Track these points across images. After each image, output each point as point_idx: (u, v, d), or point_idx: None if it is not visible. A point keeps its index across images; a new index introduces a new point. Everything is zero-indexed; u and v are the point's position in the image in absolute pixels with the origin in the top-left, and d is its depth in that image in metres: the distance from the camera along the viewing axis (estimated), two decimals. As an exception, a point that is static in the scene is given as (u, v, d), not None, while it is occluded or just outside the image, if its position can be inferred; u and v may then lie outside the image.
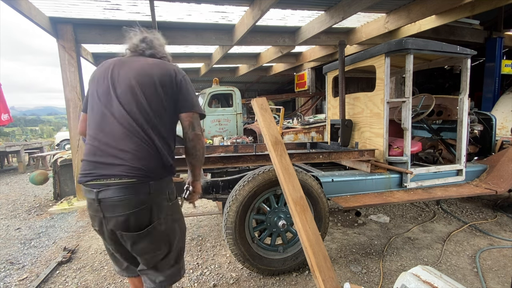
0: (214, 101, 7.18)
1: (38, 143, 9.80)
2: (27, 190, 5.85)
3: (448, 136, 3.71)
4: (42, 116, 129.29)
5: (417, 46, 2.69)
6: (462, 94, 3.05)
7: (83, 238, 3.33)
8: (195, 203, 1.90)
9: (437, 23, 5.31)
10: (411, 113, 2.87)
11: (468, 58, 3.00)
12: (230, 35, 5.61)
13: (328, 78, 3.78)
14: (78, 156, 4.63)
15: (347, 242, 2.96)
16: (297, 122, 7.05)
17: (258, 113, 2.43)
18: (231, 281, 2.35)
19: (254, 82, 14.48)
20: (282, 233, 2.42)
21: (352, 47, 7.01)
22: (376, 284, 2.25)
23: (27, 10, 3.71)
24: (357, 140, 3.29)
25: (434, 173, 3.05)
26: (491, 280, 2.27)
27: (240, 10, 4.67)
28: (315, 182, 2.40)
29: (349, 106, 3.38)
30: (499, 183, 3.10)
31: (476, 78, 6.54)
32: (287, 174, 2.07)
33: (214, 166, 2.55)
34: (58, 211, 4.32)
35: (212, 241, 3.09)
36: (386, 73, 2.76)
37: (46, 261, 2.82)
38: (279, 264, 2.37)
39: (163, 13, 4.65)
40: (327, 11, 4.82)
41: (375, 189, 2.90)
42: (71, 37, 4.54)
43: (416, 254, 2.69)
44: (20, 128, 37.56)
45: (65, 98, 4.52)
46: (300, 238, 1.85)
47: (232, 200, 2.23)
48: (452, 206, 3.91)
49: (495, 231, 3.11)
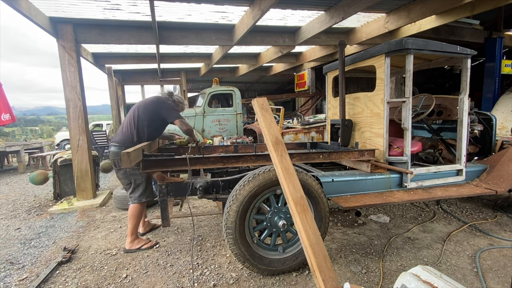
0: (214, 101, 7.17)
1: (38, 143, 9.80)
2: (27, 190, 5.85)
3: (448, 136, 3.71)
4: (42, 116, 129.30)
5: (417, 46, 2.69)
6: (462, 94, 3.05)
7: (83, 238, 3.33)
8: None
9: (437, 23, 5.31)
10: (411, 113, 2.87)
11: (468, 58, 3.00)
12: (230, 35, 5.61)
13: (328, 78, 3.78)
14: (78, 156, 4.64)
15: (347, 242, 2.97)
16: (297, 122, 7.05)
17: (259, 113, 2.43)
18: (231, 281, 2.35)
19: (254, 82, 14.48)
20: (282, 233, 2.42)
21: (352, 47, 7.01)
22: (376, 284, 2.25)
23: (27, 10, 3.70)
24: (357, 140, 3.29)
25: (434, 173, 3.05)
26: (491, 280, 2.27)
27: (240, 10, 4.67)
28: (315, 182, 2.40)
29: (349, 106, 3.39)
30: (499, 183, 3.10)
31: (476, 78, 6.54)
32: (288, 174, 2.07)
33: (214, 166, 2.55)
34: (58, 211, 4.32)
35: (212, 241, 3.09)
36: (386, 73, 2.76)
37: (46, 261, 2.82)
38: (279, 264, 2.37)
39: (163, 13, 4.65)
40: (327, 11, 4.82)
41: (375, 189, 2.90)
42: (71, 37, 4.54)
43: (416, 254, 2.69)
44: (20, 128, 37.53)
45: (65, 98, 4.52)
46: (300, 238, 1.85)
47: (233, 200, 2.23)
48: (452, 206, 3.92)
49: (495, 231, 3.12)
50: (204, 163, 2.53)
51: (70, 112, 4.56)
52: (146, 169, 2.44)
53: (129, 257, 2.82)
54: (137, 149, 2.43)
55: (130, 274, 2.51)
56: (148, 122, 2.95)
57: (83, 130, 4.62)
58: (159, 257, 2.80)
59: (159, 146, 3.41)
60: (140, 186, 2.91)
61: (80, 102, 4.56)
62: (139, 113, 2.95)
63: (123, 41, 5.07)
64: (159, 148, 3.37)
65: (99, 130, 10.71)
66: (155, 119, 3.00)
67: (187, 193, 2.46)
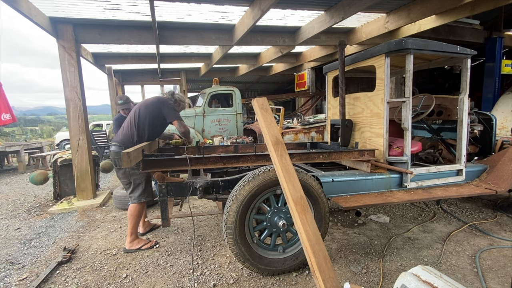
0: (214, 101, 7.17)
1: (38, 143, 9.80)
2: (27, 190, 5.85)
3: (448, 136, 3.71)
4: (42, 116, 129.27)
5: (417, 46, 2.69)
6: (462, 94, 3.05)
7: (83, 238, 3.33)
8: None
9: (437, 23, 5.31)
10: (411, 113, 2.87)
11: (468, 58, 3.00)
12: (230, 35, 5.61)
13: (328, 78, 3.78)
14: (78, 156, 4.64)
15: (347, 242, 2.96)
16: (297, 122, 7.04)
17: (259, 113, 2.43)
18: (231, 281, 2.35)
19: (254, 82, 14.47)
20: (282, 233, 2.42)
21: (352, 47, 7.01)
22: (376, 284, 2.25)
23: (27, 10, 3.70)
24: (357, 140, 3.29)
25: (434, 173, 3.05)
26: (491, 280, 2.27)
27: (240, 10, 4.67)
28: (315, 182, 2.40)
29: (349, 106, 3.38)
30: (499, 183, 3.10)
31: (476, 78, 6.54)
32: (288, 174, 2.07)
33: (214, 166, 2.55)
34: (58, 211, 4.32)
35: (212, 241, 3.09)
36: (386, 73, 2.76)
37: (46, 261, 2.82)
38: (279, 264, 2.37)
39: (163, 13, 4.65)
40: (327, 11, 4.82)
41: (375, 189, 2.90)
42: (71, 37, 4.54)
43: (416, 254, 2.69)
44: (20, 128, 37.49)
45: (65, 98, 4.52)
46: (300, 238, 1.85)
47: (232, 200, 2.23)
48: (452, 206, 3.91)
49: (495, 231, 3.12)
50: (204, 163, 2.53)
51: (70, 112, 4.56)
52: (146, 169, 2.44)
53: (129, 257, 2.82)
54: (137, 149, 2.43)
55: (130, 274, 2.51)
56: (148, 122, 2.96)
57: (83, 130, 4.62)
58: (159, 257, 2.80)
59: (159, 146, 3.42)
60: (140, 186, 2.92)
61: (80, 102, 4.56)
62: (139, 113, 2.97)
63: (123, 41, 5.07)
64: (159, 148, 3.37)
65: (99, 130, 10.70)
66: (156, 119, 3.01)
67: (187, 193, 2.46)
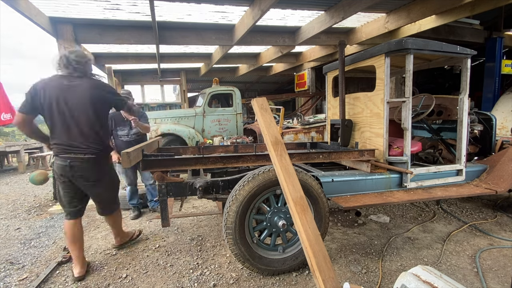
0: (214, 101, 7.17)
1: (38, 143, 9.79)
2: (27, 190, 5.85)
3: (448, 136, 3.71)
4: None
5: (417, 46, 2.69)
6: (462, 94, 3.05)
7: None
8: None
9: (437, 23, 5.31)
10: (411, 113, 2.87)
11: (468, 58, 3.00)
12: (230, 35, 5.61)
13: (328, 78, 3.78)
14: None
15: (347, 242, 2.96)
16: (297, 122, 7.05)
17: (258, 113, 2.43)
18: (231, 281, 2.35)
19: (254, 82, 14.48)
20: (282, 233, 2.42)
21: (352, 47, 7.01)
22: (376, 284, 2.25)
23: (27, 10, 3.71)
24: (357, 140, 3.29)
25: (434, 173, 3.05)
26: (491, 280, 2.27)
27: (240, 10, 4.68)
28: (315, 182, 2.40)
29: (349, 106, 3.38)
30: (499, 183, 3.10)
31: (476, 78, 6.54)
32: (287, 174, 2.07)
33: (214, 166, 2.55)
34: (58, 211, 4.32)
35: (212, 241, 3.09)
36: (386, 73, 2.76)
37: (46, 261, 2.82)
38: (279, 264, 2.37)
39: (163, 13, 4.65)
40: (327, 11, 4.82)
41: (375, 189, 2.90)
42: (71, 37, 4.54)
43: (416, 254, 2.69)
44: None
45: (65, 98, 4.52)
46: (300, 238, 1.85)
47: (232, 200, 2.23)
48: (452, 206, 3.91)
49: (495, 231, 3.11)
50: (204, 163, 2.53)
51: (70, 112, 4.55)
52: (146, 169, 2.44)
53: (129, 257, 2.82)
54: (137, 149, 2.43)
55: (130, 274, 2.51)
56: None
57: (83, 130, 4.61)
58: (159, 257, 2.80)
59: (158, 146, 3.42)
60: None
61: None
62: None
63: (123, 41, 5.07)
64: (159, 148, 3.37)
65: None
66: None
67: (187, 193, 2.46)
